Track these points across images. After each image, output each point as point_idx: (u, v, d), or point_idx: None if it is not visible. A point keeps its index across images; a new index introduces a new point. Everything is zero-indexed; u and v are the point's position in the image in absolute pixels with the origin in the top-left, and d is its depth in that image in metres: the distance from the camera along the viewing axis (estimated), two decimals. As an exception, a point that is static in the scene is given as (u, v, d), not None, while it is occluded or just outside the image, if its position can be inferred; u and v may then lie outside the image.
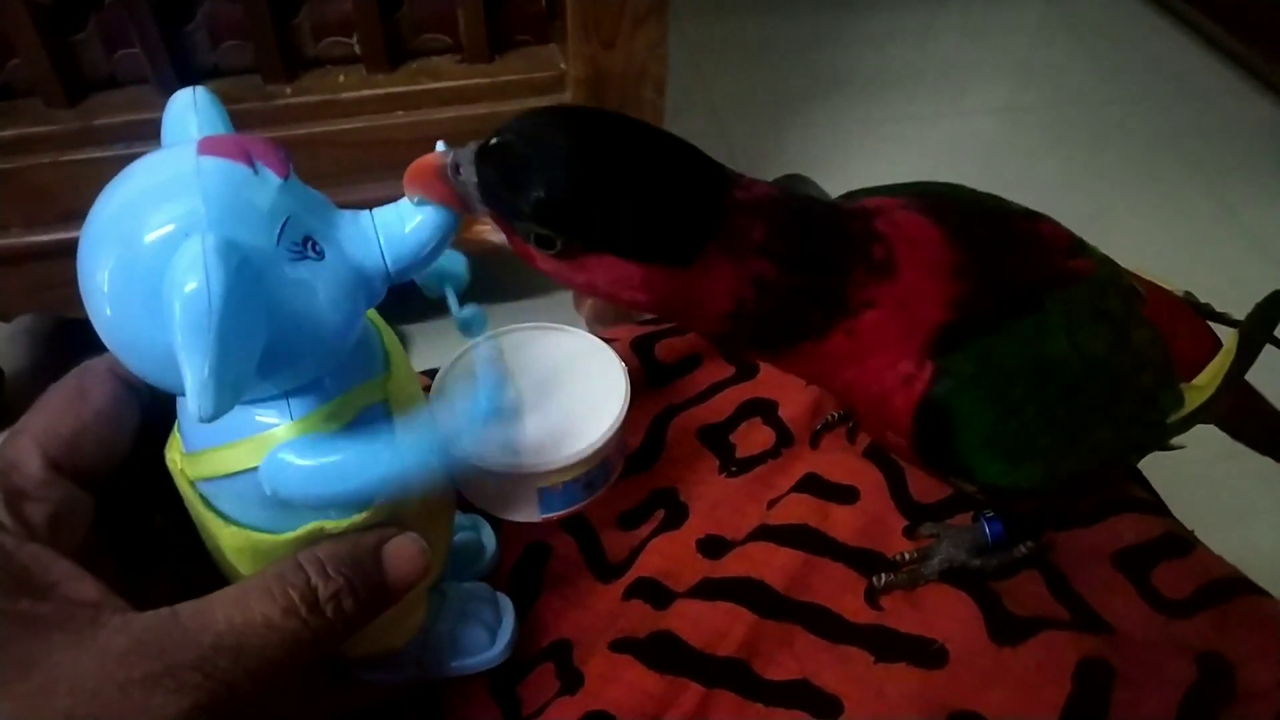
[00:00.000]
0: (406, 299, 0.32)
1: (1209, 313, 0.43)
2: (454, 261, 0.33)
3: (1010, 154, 1.48)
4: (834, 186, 1.37)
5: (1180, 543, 0.42)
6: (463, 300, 0.34)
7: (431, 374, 0.46)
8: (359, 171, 0.92)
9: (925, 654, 0.38)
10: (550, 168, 0.27)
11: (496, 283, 1.18)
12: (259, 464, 0.27)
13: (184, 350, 0.23)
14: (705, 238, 0.29)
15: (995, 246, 0.34)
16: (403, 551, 0.30)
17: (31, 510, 0.28)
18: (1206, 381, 0.39)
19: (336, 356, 0.28)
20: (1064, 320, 0.34)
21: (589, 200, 0.28)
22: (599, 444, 0.38)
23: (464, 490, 0.38)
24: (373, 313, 0.31)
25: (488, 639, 0.37)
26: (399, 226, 0.28)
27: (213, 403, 0.23)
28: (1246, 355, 0.40)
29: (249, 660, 0.26)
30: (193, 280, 0.22)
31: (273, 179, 0.26)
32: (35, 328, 1.14)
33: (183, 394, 0.26)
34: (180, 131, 0.27)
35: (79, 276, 0.26)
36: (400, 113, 0.91)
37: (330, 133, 0.90)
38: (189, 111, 0.27)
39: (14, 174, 0.86)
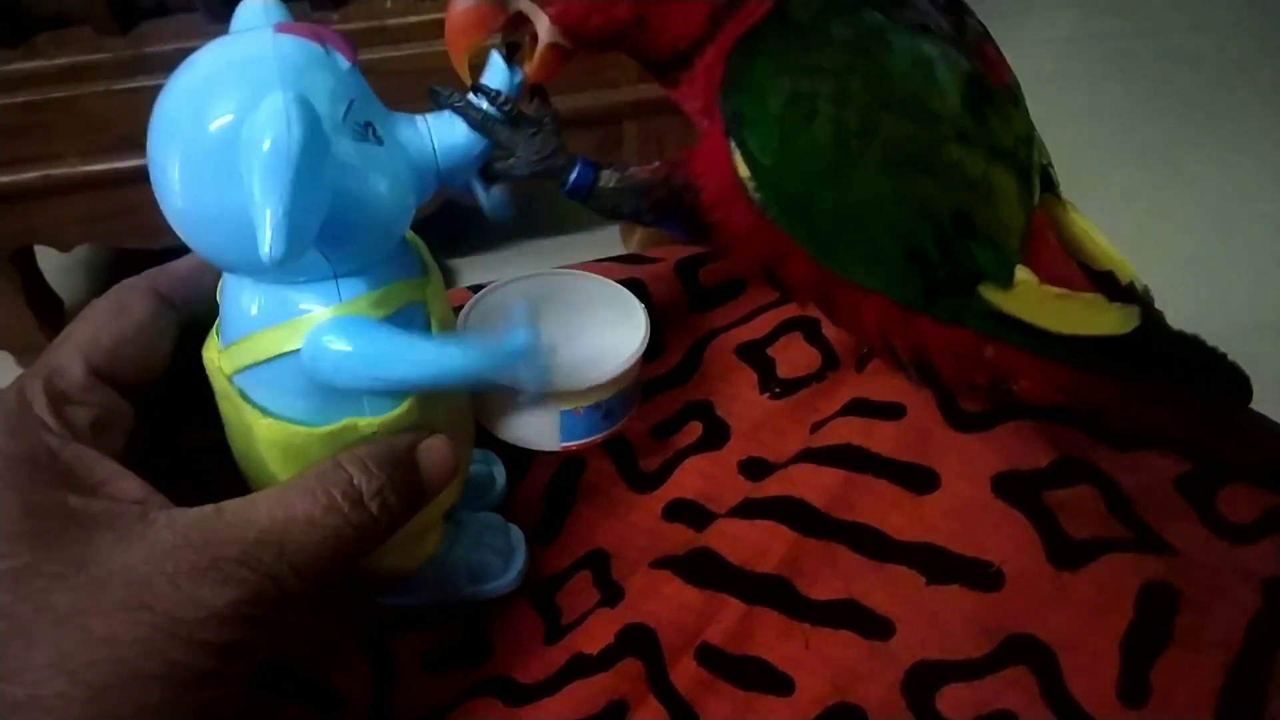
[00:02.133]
0: (451, 231, 0.34)
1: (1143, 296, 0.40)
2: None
3: (1074, 85, 1.44)
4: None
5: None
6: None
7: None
8: (405, 100, 0.90)
9: (981, 577, 0.37)
10: None
11: (547, 219, 1.18)
12: (301, 345, 0.28)
13: (260, 193, 0.24)
14: None
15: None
16: (436, 451, 0.31)
17: (75, 414, 0.29)
18: (1057, 296, 0.36)
19: (388, 242, 0.30)
20: (934, 55, 0.34)
21: None
22: (622, 369, 0.39)
23: (485, 420, 0.39)
24: (411, 233, 0.33)
25: (501, 565, 0.38)
26: (450, 130, 0.31)
27: (284, 242, 0.24)
28: (1145, 342, 0.36)
29: (293, 555, 0.27)
30: (274, 127, 0.24)
31: (342, 61, 0.28)
32: (94, 259, 1.16)
33: (246, 268, 0.28)
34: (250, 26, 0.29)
35: (149, 162, 0.27)
36: (447, 39, 0.90)
37: (377, 60, 0.89)
38: (259, 13, 0.29)
39: (68, 102, 0.86)
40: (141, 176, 0.27)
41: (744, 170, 0.35)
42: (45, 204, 0.91)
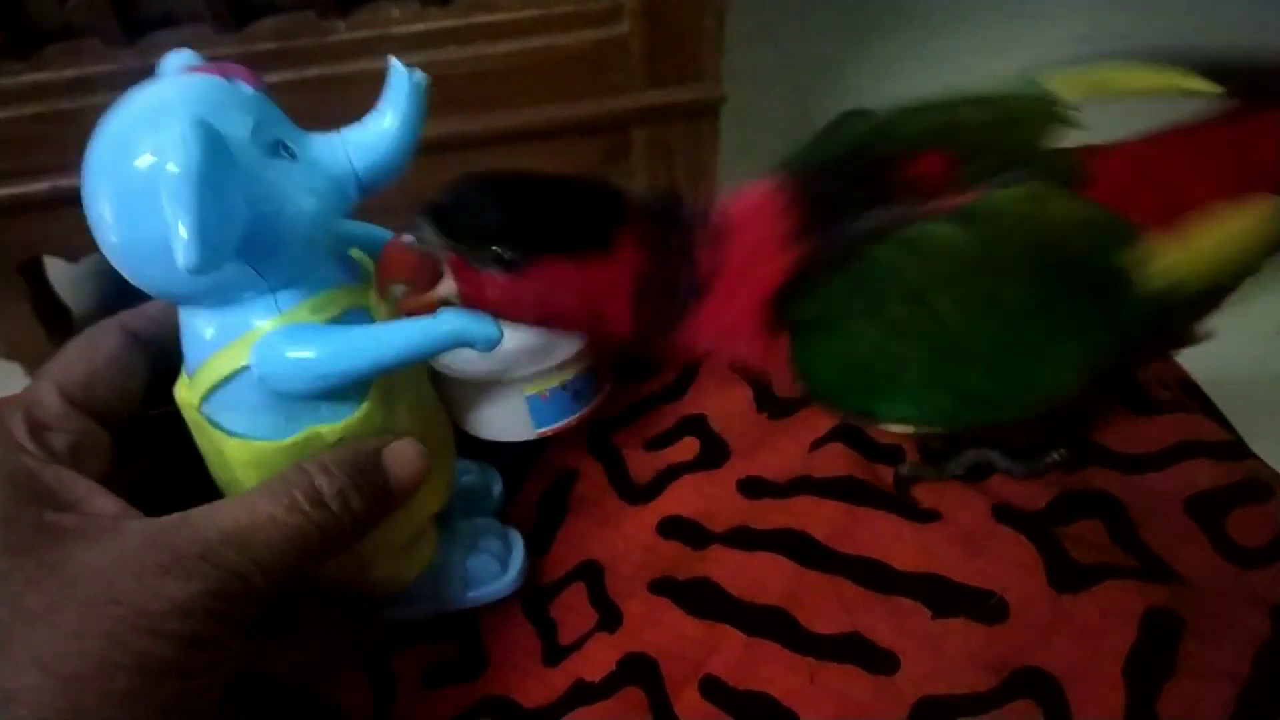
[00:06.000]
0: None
1: None
2: None
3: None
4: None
5: (1260, 488, 0.40)
6: None
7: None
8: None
9: (984, 608, 0.37)
10: (501, 202, 0.33)
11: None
12: (250, 360, 0.30)
13: (171, 212, 0.26)
14: (617, 226, 0.34)
15: (844, 204, 0.35)
16: (403, 454, 0.33)
17: (53, 439, 0.31)
18: (1202, 236, 0.33)
19: (312, 250, 0.32)
20: (902, 254, 0.34)
21: (538, 217, 0.34)
22: (582, 345, 0.40)
23: (459, 419, 0.40)
24: (358, 252, 0.35)
25: (498, 568, 0.39)
26: (363, 138, 0.32)
27: (196, 254, 0.26)
28: None
29: (255, 552, 0.29)
30: (176, 150, 0.26)
31: (245, 89, 0.30)
32: (102, 269, 1.16)
33: (181, 295, 0.30)
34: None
35: (86, 211, 0.29)
36: (454, 47, 0.89)
37: (384, 69, 0.89)
38: (176, 66, 0.31)
39: (76, 114, 0.86)
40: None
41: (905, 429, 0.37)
42: (53, 215, 0.91)
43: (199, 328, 0.31)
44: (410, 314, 0.33)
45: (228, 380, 0.31)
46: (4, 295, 0.98)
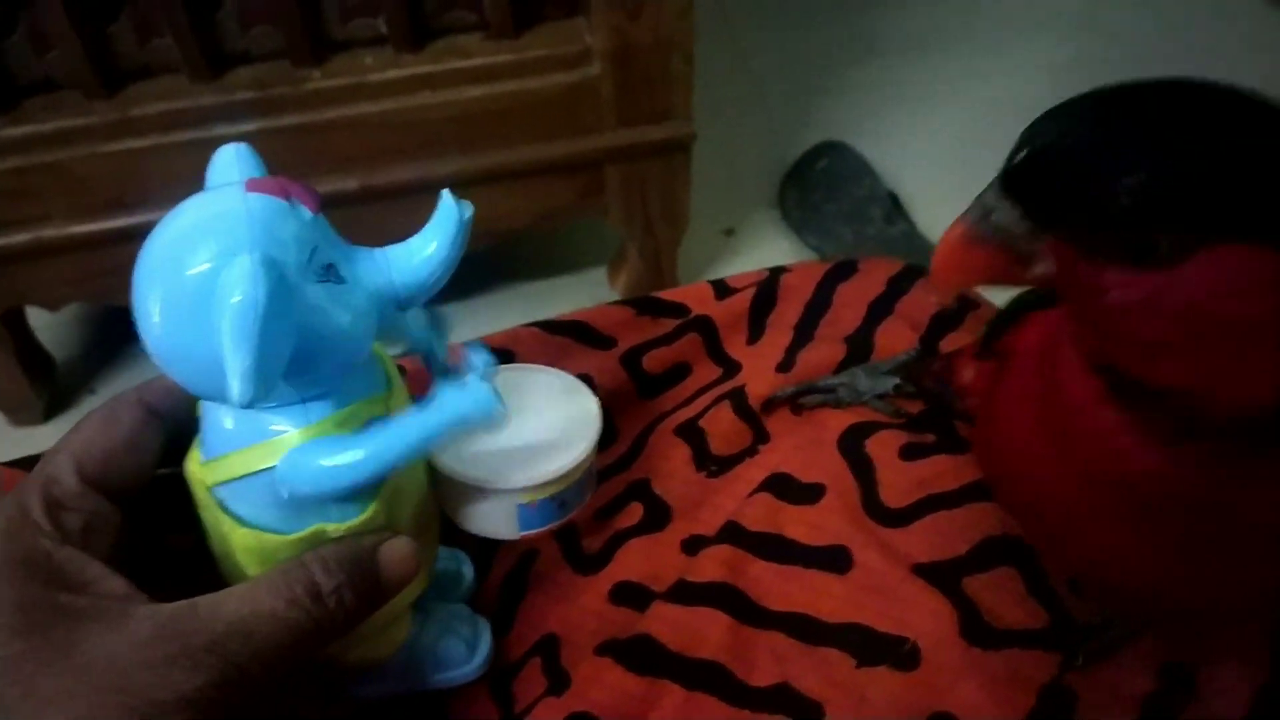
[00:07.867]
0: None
1: None
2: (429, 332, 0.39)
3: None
4: (876, 152, 1.34)
5: None
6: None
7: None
8: (388, 153, 0.92)
9: (900, 655, 0.38)
10: (1144, 148, 0.23)
11: (526, 262, 1.18)
12: (275, 464, 0.31)
13: (231, 348, 0.27)
14: None
15: None
16: (396, 552, 0.33)
17: (68, 519, 0.32)
18: None
19: (350, 368, 0.33)
20: None
21: (1217, 173, 0.23)
22: (573, 464, 0.41)
23: (449, 512, 0.41)
24: (377, 346, 0.35)
25: (466, 653, 0.40)
26: (407, 261, 0.33)
27: (252, 392, 0.27)
28: None
29: (257, 645, 0.30)
30: (242, 289, 0.27)
31: (306, 213, 0.30)
32: (84, 315, 1.17)
33: (219, 399, 0.31)
34: (225, 177, 0.32)
35: (133, 301, 0.29)
36: (427, 92, 0.91)
37: (360, 115, 0.91)
38: (233, 163, 0.32)
39: (56, 166, 0.88)
40: (127, 236, 0.29)
41: None
42: (35, 266, 0.92)
43: (222, 420, 0.32)
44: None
45: (247, 476, 0.32)
46: (-13, 345, 0.99)
